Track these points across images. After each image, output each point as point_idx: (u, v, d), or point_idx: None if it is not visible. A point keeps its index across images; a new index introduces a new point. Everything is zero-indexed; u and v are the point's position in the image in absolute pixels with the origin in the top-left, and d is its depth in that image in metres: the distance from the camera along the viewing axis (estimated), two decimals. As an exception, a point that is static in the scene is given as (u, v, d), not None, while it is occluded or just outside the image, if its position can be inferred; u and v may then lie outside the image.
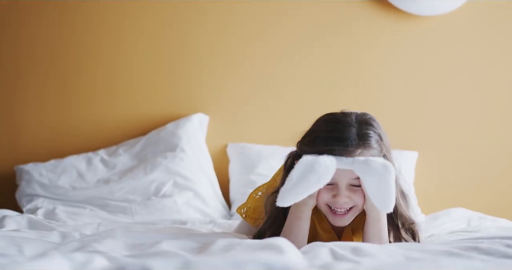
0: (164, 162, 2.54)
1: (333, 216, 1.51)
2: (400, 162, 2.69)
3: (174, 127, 2.67)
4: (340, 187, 1.49)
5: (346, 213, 1.51)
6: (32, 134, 2.75)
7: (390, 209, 1.41)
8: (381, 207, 1.42)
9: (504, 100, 2.79)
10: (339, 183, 1.49)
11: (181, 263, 0.87)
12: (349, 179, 1.48)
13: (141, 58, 2.77)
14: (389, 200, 1.41)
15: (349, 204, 1.50)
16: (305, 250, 1.27)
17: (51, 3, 2.75)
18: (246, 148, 2.71)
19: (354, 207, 1.51)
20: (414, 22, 2.76)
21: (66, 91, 2.77)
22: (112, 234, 1.43)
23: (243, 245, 1.22)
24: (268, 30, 2.78)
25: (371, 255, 1.16)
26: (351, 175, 1.47)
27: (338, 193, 1.49)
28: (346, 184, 1.49)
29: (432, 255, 1.15)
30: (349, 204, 1.50)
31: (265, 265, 0.88)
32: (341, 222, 1.52)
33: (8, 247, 1.26)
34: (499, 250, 1.19)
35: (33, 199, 2.46)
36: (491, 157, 2.78)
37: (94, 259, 1.00)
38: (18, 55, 2.77)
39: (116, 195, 2.45)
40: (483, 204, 2.68)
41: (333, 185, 1.49)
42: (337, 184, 1.49)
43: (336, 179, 1.48)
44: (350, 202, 1.50)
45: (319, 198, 1.51)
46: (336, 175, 1.46)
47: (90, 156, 2.62)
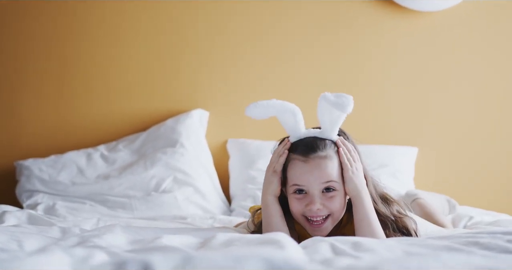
0: (164, 158, 2.54)
1: (310, 226, 1.51)
2: (400, 158, 2.72)
3: (174, 122, 2.67)
4: (312, 194, 1.48)
5: (323, 222, 1.50)
6: (32, 130, 2.75)
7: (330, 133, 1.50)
8: (323, 124, 1.50)
9: (504, 97, 2.79)
10: (310, 190, 1.49)
11: (182, 258, 0.87)
12: (320, 184, 1.48)
13: (141, 54, 2.77)
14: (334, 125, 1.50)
15: (324, 211, 1.49)
16: (305, 245, 1.26)
17: (49, 2, 2.75)
18: (246, 144, 2.71)
19: (331, 215, 1.50)
20: (415, 18, 2.76)
21: (66, 87, 2.77)
22: (112, 230, 1.43)
23: (243, 240, 1.22)
24: (269, 27, 2.78)
25: (371, 250, 1.16)
26: (322, 179, 1.48)
27: (311, 200, 1.48)
28: (319, 191, 1.48)
29: (433, 250, 1.15)
30: (324, 212, 1.49)
31: (266, 260, 0.88)
32: (320, 232, 1.50)
33: (9, 242, 1.26)
34: (500, 245, 1.19)
35: (33, 194, 2.45)
36: (491, 153, 2.78)
37: (95, 254, 0.99)
38: (17, 53, 2.76)
39: (116, 190, 2.45)
40: (483, 200, 2.69)
41: (306, 193, 1.50)
42: (309, 192, 1.49)
43: (307, 186, 1.49)
44: (325, 210, 1.49)
45: (294, 210, 1.51)
46: (306, 182, 1.48)
47: (90, 152, 2.61)
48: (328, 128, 1.53)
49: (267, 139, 2.74)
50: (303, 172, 1.49)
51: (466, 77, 2.80)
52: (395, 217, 1.56)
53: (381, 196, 1.59)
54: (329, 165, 1.49)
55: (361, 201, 1.49)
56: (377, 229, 1.49)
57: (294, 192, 1.51)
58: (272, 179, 1.54)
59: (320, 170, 1.48)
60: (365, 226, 1.48)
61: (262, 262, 0.88)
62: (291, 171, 1.52)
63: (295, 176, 1.51)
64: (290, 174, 1.52)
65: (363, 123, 2.72)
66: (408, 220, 1.57)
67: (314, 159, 1.49)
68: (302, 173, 1.49)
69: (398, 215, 1.57)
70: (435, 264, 0.95)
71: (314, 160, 1.49)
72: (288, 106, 1.55)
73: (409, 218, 1.58)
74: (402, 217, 1.57)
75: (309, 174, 1.48)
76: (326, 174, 1.48)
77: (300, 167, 1.50)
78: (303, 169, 1.50)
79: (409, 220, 1.57)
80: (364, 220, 1.49)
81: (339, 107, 1.45)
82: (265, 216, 1.54)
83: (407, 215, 1.58)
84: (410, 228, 1.56)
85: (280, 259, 0.91)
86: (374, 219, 1.50)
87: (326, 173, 1.48)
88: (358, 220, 1.49)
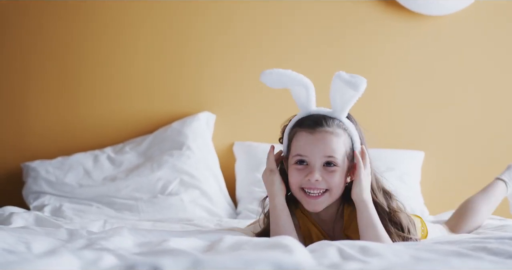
0: (171, 160, 2.54)
1: (307, 199, 1.51)
2: (406, 162, 2.71)
3: (180, 125, 2.67)
4: (313, 165, 1.49)
5: (319, 196, 1.50)
6: (39, 131, 2.76)
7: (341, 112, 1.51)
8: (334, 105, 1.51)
9: (511, 100, 2.79)
10: (312, 161, 1.49)
11: (191, 262, 0.87)
12: (322, 157, 1.49)
13: (148, 56, 2.78)
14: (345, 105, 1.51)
15: (322, 184, 1.49)
16: (312, 249, 1.26)
17: (53, 4, 2.76)
18: (253, 146, 2.71)
19: (328, 191, 1.50)
20: (422, 21, 2.76)
21: (72, 89, 2.77)
22: (119, 232, 1.43)
23: (251, 243, 1.22)
24: (275, 29, 2.78)
25: (379, 255, 1.16)
26: (325, 152, 1.49)
27: (311, 171, 1.49)
28: (320, 163, 1.49)
29: (441, 255, 1.14)
30: (322, 185, 1.49)
31: (275, 264, 0.88)
32: (315, 205, 1.50)
33: (17, 244, 1.26)
34: (508, 250, 1.19)
35: (39, 196, 2.46)
36: (497, 157, 2.77)
37: (103, 256, 1.00)
38: (23, 54, 2.77)
39: (123, 193, 2.45)
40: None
41: (306, 165, 1.50)
42: (310, 163, 1.50)
43: (309, 157, 1.49)
44: (323, 183, 1.49)
45: (293, 180, 1.52)
46: (309, 152, 1.49)
47: (97, 154, 2.62)
48: (338, 108, 1.54)
49: (274, 142, 2.73)
50: (308, 143, 1.51)
51: (473, 81, 2.79)
52: (390, 210, 1.55)
53: (382, 189, 1.59)
54: (334, 141, 1.50)
55: (365, 206, 1.49)
56: (382, 235, 1.48)
57: (295, 163, 1.52)
58: (271, 178, 1.54)
59: (324, 143, 1.49)
60: (370, 232, 1.48)
61: (271, 266, 0.88)
62: (296, 142, 1.53)
63: (299, 146, 1.52)
64: (294, 145, 1.53)
65: (369, 127, 2.71)
66: (405, 217, 1.56)
67: (320, 132, 1.51)
68: (307, 143, 1.51)
69: (394, 209, 1.56)
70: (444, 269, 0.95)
71: (320, 133, 1.50)
72: (303, 79, 1.56)
73: (406, 216, 1.57)
74: (398, 212, 1.56)
75: (313, 145, 1.50)
76: (330, 148, 1.49)
77: (305, 137, 1.52)
78: (308, 140, 1.51)
79: (406, 217, 1.56)
80: (370, 226, 1.48)
81: (352, 86, 1.46)
82: (274, 217, 1.53)
83: (404, 212, 1.58)
84: (404, 225, 1.54)
85: (289, 263, 0.91)
86: (379, 224, 1.49)
87: (330, 147, 1.49)
88: (363, 226, 1.49)
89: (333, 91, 1.52)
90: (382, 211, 1.54)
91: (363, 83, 1.46)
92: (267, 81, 1.59)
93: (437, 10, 2.72)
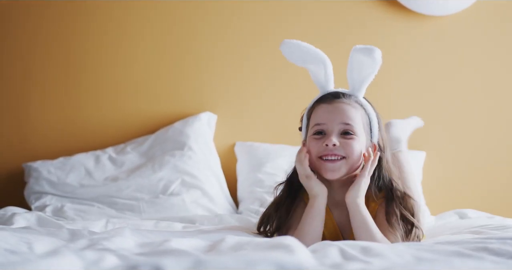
0: (172, 161, 2.54)
1: (325, 164, 1.52)
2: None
3: (182, 125, 2.67)
4: (331, 131, 1.53)
5: (337, 161, 1.52)
6: (40, 132, 2.76)
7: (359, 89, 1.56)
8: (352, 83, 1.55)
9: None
10: (329, 128, 1.53)
11: (193, 262, 0.88)
12: (340, 124, 1.53)
13: (149, 56, 2.78)
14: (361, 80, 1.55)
15: (340, 150, 1.52)
16: (314, 249, 1.27)
17: (55, 4, 2.76)
18: (254, 147, 2.71)
19: (346, 158, 1.52)
20: (423, 22, 2.76)
21: (74, 89, 2.78)
22: (121, 232, 1.43)
23: (253, 244, 1.22)
24: (276, 29, 2.78)
25: (381, 255, 1.16)
26: (342, 119, 1.52)
27: (328, 136, 1.52)
28: (338, 130, 1.53)
29: (443, 255, 1.14)
30: (340, 151, 1.52)
31: (277, 265, 0.88)
32: (333, 171, 1.52)
33: (19, 244, 1.27)
34: (510, 251, 1.19)
35: (41, 196, 2.46)
36: (499, 157, 2.77)
37: (105, 257, 1.00)
38: (25, 55, 2.77)
39: (124, 193, 2.45)
40: (491, 205, 2.68)
41: (324, 135, 1.53)
42: (327, 130, 1.53)
43: (327, 124, 1.53)
44: (341, 149, 1.52)
45: (312, 149, 1.54)
46: (326, 119, 1.53)
47: (98, 154, 2.62)
48: (356, 86, 1.59)
49: (275, 142, 2.74)
50: (325, 112, 1.55)
51: (474, 82, 2.79)
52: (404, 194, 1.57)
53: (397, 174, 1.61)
54: (352, 111, 1.55)
55: (358, 209, 1.51)
56: (376, 234, 1.49)
57: (314, 134, 1.55)
58: (310, 184, 1.55)
59: (341, 111, 1.54)
60: (364, 232, 1.50)
61: (272, 266, 0.88)
62: (314, 114, 1.58)
63: (317, 116, 1.56)
64: (312, 118, 1.58)
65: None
66: (415, 204, 1.58)
67: (338, 102, 1.55)
68: (324, 112, 1.55)
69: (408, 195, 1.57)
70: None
71: (338, 103, 1.55)
72: (323, 56, 1.60)
73: (416, 203, 1.59)
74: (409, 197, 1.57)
75: (330, 113, 1.54)
76: (347, 115, 1.54)
77: (323, 107, 1.56)
78: (326, 109, 1.55)
79: (416, 204, 1.58)
80: (362, 227, 1.50)
81: (368, 52, 1.51)
82: (308, 217, 1.53)
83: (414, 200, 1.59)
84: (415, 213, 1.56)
85: (291, 263, 0.92)
86: (372, 224, 1.51)
87: (346, 114, 1.54)
88: (357, 228, 1.51)
89: (350, 68, 1.57)
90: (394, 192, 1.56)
91: (379, 53, 1.51)
92: (286, 51, 1.64)
93: (438, 10, 2.72)
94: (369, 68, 1.54)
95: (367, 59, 1.52)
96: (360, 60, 1.54)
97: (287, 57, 1.63)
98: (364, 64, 1.54)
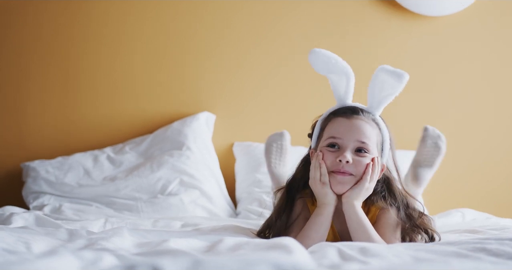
0: (171, 160, 2.54)
1: (335, 177, 1.52)
2: (406, 163, 2.71)
3: (180, 125, 2.67)
4: (346, 147, 1.52)
5: (346, 174, 1.52)
6: (39, 131, 2.76)
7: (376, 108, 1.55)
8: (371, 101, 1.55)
9: (509, 100, 2.79)
10: (344, 143, 1.52)
11: (191, 262, 0.88)
12: (355, 141, 1.52)
13: (148, 56, 2.78)
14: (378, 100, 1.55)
15: (350, 168, 1.51)
16: (312, 250, 1.27)
17: (53, 3, 2.76)
18: (252, 147, 2.71)
19: (354, 176, 1.52)
20: (422, 22, 2.76)
21: (72, 89, 2.78)
22: (119, 232, 1.43)
23: (251, 244, 1.22)
24: (274, 29, 2.78)
25: (379, 255, 1.16)
26: (359, 137, 1.52)
27: (342, 152, 1.51)
28: (352, 147, 1.52)
29: (441, 256, 1.14)
30: (350, 169, 1.51)
31: (275, 265, 0.88)
32: (343, 185, 1.52)
33: (16, 244, 1.26)
34: (508, 251, 1.19)
35: (39, 196, 2.46)
36: (497, 157, 2.78)
37: (103, 257, 0.99)
38: (22, 54, 2.77)
39: (122, 193, 2.45)
40: (489, 205, 2.68)
41: (338, 149, 1.53)
42: (342, 145, 1.52)
43: (342, 139, 1.52)
44: (351, 167, 1.51)
45: (325, 161, 1.53)
46: (342, 134, 1.52)
47: (97, 154, 2.62)
48: (375, 104, 1.58)
49: (273, 142, 2.73)
50: (343, 125, 1.54)
51: (472, 81, 2.80)
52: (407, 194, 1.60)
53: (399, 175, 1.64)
54: (369, 129, 1.54)
55: (354, 210, 1.52)
56: (373, 235, 1.50)
57: (327, 146, 1.54)
58: (325, 191, 1.54)
59: (359, 129, 1.53)
60: (361, 233, 1.50)
61: (271, 267, 0.88)
62: (330, 127, 1.56)
63: (333, 128, 1.55)
64: (327, 131, 1.56)
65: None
66: (416, 203, 1.61)
67: (356, 119, 1.54)
68: (341, 126, 1.54)
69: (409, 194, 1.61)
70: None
71: (357, 120, 1.54)
72: (349, 70, 1.59)
73: (418, 203, 1.62)
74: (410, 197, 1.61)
75: (348, 128, 1.53)
76: (364, 134, 1.53)
77: (341, 121, 1.55)
78: (343, 124, 1.54)
79: (417, 204, 1.61)
80: (360, 229, 1.50)
81: (396, 76, 1.50)
82: (315, 223, 1.53)
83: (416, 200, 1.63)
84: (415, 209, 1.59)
85: (289, 263, 0.92)
86: (369, 225, 1.51)
87: (364, 133, 1.53)
88: (354, 229, 1.51)
89: (371, 87, 1.56)
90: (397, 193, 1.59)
91: (406, 75, 1.50)
92: (314, 61, 1.61)
93: (437, 10, 2.72)
94: (391, 89, 1.54)
95: (393, 81, 1.52)
96: (385, 80, 1.53)
97: (313, 65, 1.61)
98: (388, 84, 1.53)
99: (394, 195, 1.59)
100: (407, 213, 1.58)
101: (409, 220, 1.57)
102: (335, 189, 1.53)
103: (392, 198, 1.59)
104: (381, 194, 1.59)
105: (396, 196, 1.59)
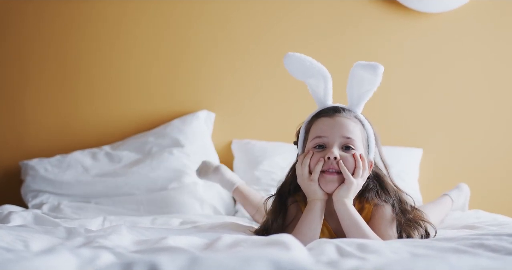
0: (170, 158, 2.54)
1: (324, 176, 1.52)
2: (405, 159, 2.71)
3: (180, 123, 2.67)
4: (332, 144, 1.52)
5: (335, 173, 1.51)
6: (37, 130, 2.76)
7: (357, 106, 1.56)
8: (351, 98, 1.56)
9: (510, 97, 2.79)
10: (330, 142, 1.53)
11: (189, 259, 0.87)
12: (341, 138, 1.52)
13: (146, 55, 2.78)
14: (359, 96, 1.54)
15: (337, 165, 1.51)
16: (310, 246, 1.27)
17: (51, 3, 2.75)
18: (251, 144, 2.71)
19: (341, 174, 1.52)
20: (420, 19, 2.76)
21: (69, 88, 2.77)
22: (117, 230, 1.43)
23: (249, 241, 1.22)
24: (273, 27, 2.78)
25: (377, 251, 1.16)
26: (343, 133, 1.52)
27: (329, 149, 1.52)
28: (339, 144, 1.52)
29: (439, 252, 1.14)
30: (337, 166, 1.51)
31: (272, 262, 0.88)
32: (330, 184, 1.52)
33: (15, 242, 1.26)
34: (506, 247, 1.19)
35: (38, 194, 2.46)
36: (496, 154, 2.78)
37: (101, 255, 0.99)
38: (20, 53, 2.77)
39: (122, 190, 2.45)
40: (487, 202, 2.69)
41: (325, 148, 1.53)
42: (328, 144, 1.53)
43: (328, 137, 1.52)
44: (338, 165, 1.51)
45: (312, 163, 1.53)
46: (328, 133, 1.52)
47: (95, 152, 2.62)
48: (354, 102, 1.58)
49: (272, 140, 2.74)
50: (327, 125, 1.54)
51: (471, 78, 2.80)
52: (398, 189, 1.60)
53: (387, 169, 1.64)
54: (352, 125, 1.55)
55: (344, 205, 1.51)
56: (367, 231, 1.49)
57: (314, 147, 1.54)
58: (313, 187, 1.54)
59: (342, 125, 1.54)
60: (354, 230, 1.49)
61: (269, 263, 0.88)
62: (314, 127, 1.57)
63: (318, 128, 1.55)
64: (312, 130, 1.56)
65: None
66: (408, 198, 1.61)
67: (339, 116, 1.55)
68: (326, 125, 1.54)
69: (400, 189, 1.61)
70: (442, 266, 0.95)
71: (339, 117, 1.55)
72: (325, 72, 1.59)
73: (409, 198, 1.61)
74: (402, 192, 1.61)
75: (332, 126, 1.54)
76: (348, 129, 1.53)
77: (324, 121, 1.56)
78: (327, 122, 1.55)
79: (409, 198, 1.61)
80: (352, 225, 1.50)
81: (370, 68, 1.51)
82: (307, 220, 1.53)
83: (407, 194, 1.62)
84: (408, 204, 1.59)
85: (287, 260, 0.91)
86: (361, 221, 1.51)
87: (347, 129, 1.53)
88: (347, 226, 1.51)
89: (350, 84, 1.56)
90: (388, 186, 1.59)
91: (381, 68, 1.51)
92: (289, 64, 1.60)
93: (435, 7, 2.72)
94: (369, 84, 1.54)
95: (368, 75, 1.52)
96: (361, 75, 1.53)
97: (288, 69, 1.61)
98: (364, 80, 1.54)
99: (387, 191, 1.59)
100: (402, 208, 1.58)
101: (404, 215, 1.56)
102: (325, 188, 1.53)
103: (386, 194, 1.58)
104: (374, 191, 1.58)
105: (389, 191, 1.59)
